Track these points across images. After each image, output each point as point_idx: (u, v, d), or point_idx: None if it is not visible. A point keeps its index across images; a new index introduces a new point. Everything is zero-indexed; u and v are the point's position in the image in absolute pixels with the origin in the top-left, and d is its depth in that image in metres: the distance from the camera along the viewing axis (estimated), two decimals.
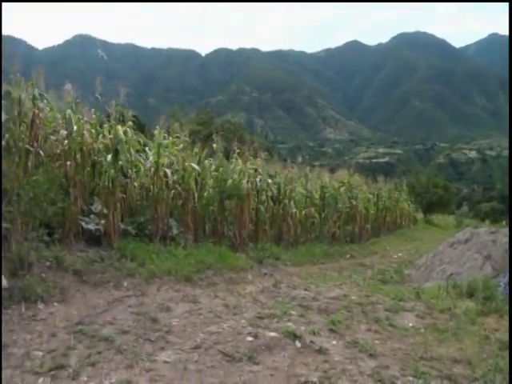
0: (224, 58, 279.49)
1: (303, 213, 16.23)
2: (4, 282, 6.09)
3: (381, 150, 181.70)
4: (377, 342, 5.47)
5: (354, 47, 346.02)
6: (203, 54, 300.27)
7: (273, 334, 5.41)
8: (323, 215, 17.37)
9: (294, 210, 15.46)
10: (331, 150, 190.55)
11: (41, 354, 4.56)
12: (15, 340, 4.90)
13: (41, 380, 4.00)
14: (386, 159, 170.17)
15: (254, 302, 7.12)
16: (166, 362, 4.51)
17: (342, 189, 19.09)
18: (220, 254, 10.11)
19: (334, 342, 5.36)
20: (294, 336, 5.34)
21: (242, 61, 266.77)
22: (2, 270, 6.33)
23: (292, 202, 15.34)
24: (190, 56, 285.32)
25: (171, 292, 7.35)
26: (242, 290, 7.86)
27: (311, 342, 5.22)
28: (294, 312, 6.51)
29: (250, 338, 5.24)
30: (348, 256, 14.98)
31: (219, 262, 9.51)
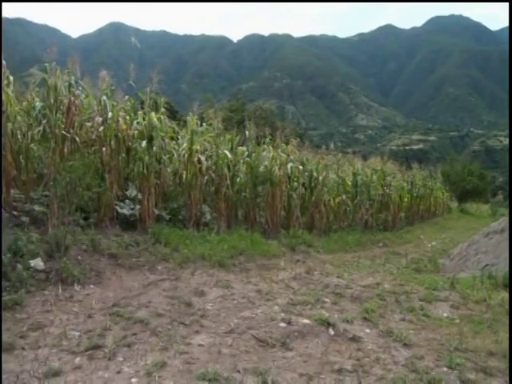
0: (256, 44, 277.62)
1: (336, 200, 16.11)
2: (41, 264, 6.29)
3: (414, 137, 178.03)
4: (411, 331, 5.41)
5: (387, 31, 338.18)
6: (235, 41, 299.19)
7: (306, 320, 5.42)
8: (356, 203, 17.22)
9: (327, 197, 15.37)
10: (364, 136, 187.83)
11: (77, 334, 4.71)
12: (52, 320, 5.06)
13: (77, 359, 4.12)
14: (420, 146, 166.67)
15: (286, 288, 7.15)
16: (200, 345, 4.58)
17: (374, 176, 18.82)
18: (252, 240, 10.17)
19: (368, 331, 5.35)
20: (328, 323, 5.34)
21: (274, 47, 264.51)
22: (40, 252, 6.55)
23: (324, 189, 15.25)
24: (222, 42, 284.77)
25: (205, 277, 7.45)
26: (274, 277, 7.90)
27: (344, 330, 5.21)
28: (326, 299, 6.52)
29: (283, 324, 5.27)
30: (381, 244, 14.83)
31: (251, 248, 9.57)
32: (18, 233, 6.81)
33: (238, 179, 12.40)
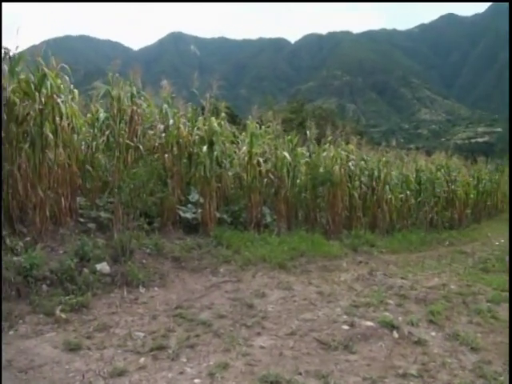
0: (314, 44, 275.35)
1: (399, 198, 15.69)
2: (107, 268, 6.56)
3: (480, 129, 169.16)
4: (478, 334, 5.19)
5: (448, 20, 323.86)
6: (293, 42, 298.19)
7: (369, 323, 5.31)
8: (420, 200, 16.69)
9: (389, 196, 15.00)
10: (427, 131, 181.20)
11: (142, 334, 4.86)
12: (117, 321, 5.26)
13: (142, 359, 4.25)
14: (486, 139, 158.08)
15: (348, 290, 7.04)
16: (261, 347, 4.60)
17: (439, 172, 18.14)
18: (313, 241, 10.09)
19: (433, 334, 5.17)
20: (392, 326, 5.21)
21: (332, 45, 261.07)
22: (106, 256, 6.82)
23: (387, 187, 14.89)
24: (279, 44, 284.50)
25: (266, 279, 7.48)
26: (336, 278, 7.80)
27: (409, 332, 5.06)
28: (390, 301, 6.36)
29: (345, 327, 5.19)
30: (447, 243, 14.25)
31: (312, 249, 9.50)
32: (85, 238, 7.11)
33: (297, 180, 12.36)
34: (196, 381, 3.86)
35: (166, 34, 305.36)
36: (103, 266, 6.58)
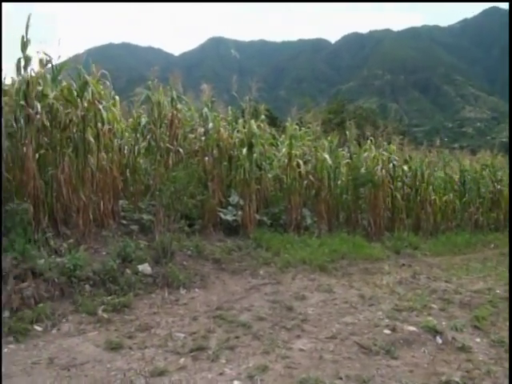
0: (354, 43, 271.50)
1: (443, 199, 15.28)
2: (148, 269, 6.67)
3: None
4: None
5: (492, 14, 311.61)
6: (333, 42, 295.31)
7: (412, 328, 5.17)
8: (464, 201, 16.19)
9: (433, 197, 14.63)
10: (471, 129, 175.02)
11: (182, 335, 4.90)
12: (159, 322, 5.34)
13: (182, 360, 4.27)
14: None
15: (391, 293, 6.89)
16: (301, 350, 4.55)
17: (484, 172, 17.53)
18: (354, 243, 9.96)
19: (478, 340, 4.97)
20: (435, 331, 5.04)
21: (373, 43, 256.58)
22: (147, 258, 6.94)
23: (430, 188, 14.53)
24: (319, 45, 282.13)
25: (306, 281, 7.43)
26: (378, 281, 7.65)
27: (453, 338, 4.89)
28: (434, 305, 6.17)
29: (387, 331, 5.07)
30: (493, 246, 13.73)
31: (354, 251, 9.37)
32: (127, 240, 7.30)
33: (338, 182, 12.24)
34: (235, 382, 3.85)
35: (206, 38, 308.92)
36: (145, 267, 6.71)
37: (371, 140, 13.08)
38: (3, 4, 7.01)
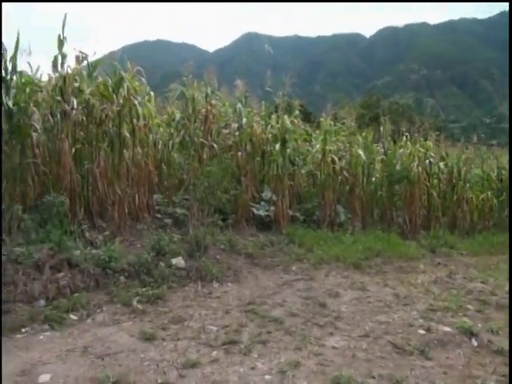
0: (390, 37, 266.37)
1: (480, 197, 14.86)
2: (182, 262, 6.75)
3: None
4: None
5: None
6: (368, 36, 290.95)
7: (447, 328, 5.06)
8: (502, 200, 15.69)
9: (470, 195, 14.25)
10: None
11: (215, 328, 4.93)
12: (192, 315, 5.39)
13: (214, 353, 4.30)
14: None
15: (425, 292, 6.76)
16: (334, 347, 4.51)
17: None
18: (389, 241, 9.80)
19: None
20: (470, 333, 4.92)
21: (409, 38, 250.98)
22: (181, 251, 7.01)
23: (467, 186, 14.15)
24: (354, 39, 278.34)
25: (339, 278, 7.37)
26: (412, 280, 7.52)
27: (489, 341, 4.75)
28: (470, 306, 6.03)
29: (421, 331, 4.98)
30: None
31: (388, 249, 9.22)
32: (161, 233, 7.41)
33: (373, 178, 12.08)
34: (267, 377, 3.85)
35: (240, 34, 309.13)
36: (179, 261, 6.79)
37: (407, 136, 12.84)
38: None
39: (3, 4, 7.07)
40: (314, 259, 8.12)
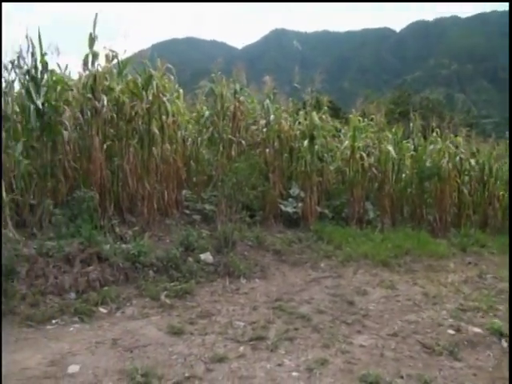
0: (420, 32, 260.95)
1: None
2: (210, 258, 6.81)
3: None
4: None
5: None
6: (398, 30, 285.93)
7: (477, 329, 4.98)
8: None
9: (501, 192, 13.90)
10: None
11: (242, 324, 4.96)
12: (219, 310, 5.44)
13: (241, 348, 4.33)
14: None
15: (455, 292, 6.64)
16: (362, 345, 4.48)
17: None
18: (419, 239, 9.64)
19: None
20: (500, 334, 4.83)
21: (440, 32, 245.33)
22: (209, 247, 7.07)
23: (498, 183, 13.81)
24: (384, 34, 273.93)
25: (368, 276, 7.31)
26: (442, 279, 7.39)
27: None
28: (500, 307, 5.89)
29: (451, 331, 4.91)
30: None
31: (418, 247, 9.07)
32: (190, 229, 7.48)
33: (402, 175, 11.91)
34: (294, 374, 3.85)
35: (269, 31, 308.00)
36: (207, 256, 6.86)
37: (437, 132, 12.61)
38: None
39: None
40: (342, 256, 8.06)
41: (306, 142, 10.04)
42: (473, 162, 13.15)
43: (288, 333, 4.69)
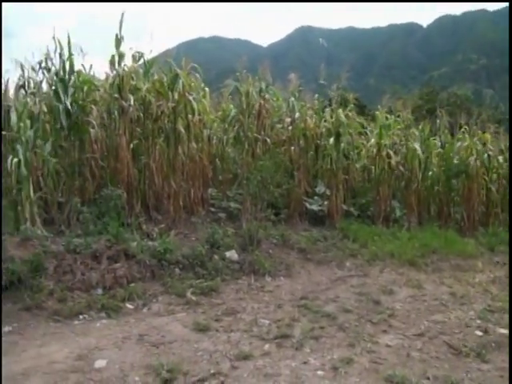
0: (447, 26, 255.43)
1: None
2: (235, 256, 6.86)
3: None
4: None
5: None
6: (425, 25, 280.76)
7: (504, 330, 4.88)
8: None
9: None
10: None
11: (267, 322, 4.98)
12: (244, 307, 5.48)
13: (266, 346, 4.34)
14: None
15: (483, 292, 6.53)
16: (388, 345, 4.45)
17: None
18: (446, 238, 9.48)
19: None
20: None
21: (467, 26, 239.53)
22: (234, 245, 7.13)
23: None
24: (410, 29, 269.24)
25: (394, 275, 7.25)
26: (470, 279, 7.27)
27: None
28: None
29: (478, 333, 4.83)
30: None
31: (445, 246, 8.93)
32: (215, 227, 7.53)
33: (429, 172, 11.73)
34: (319, 373, 3.85)
35: (294, 28, 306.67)
36: (232, 254, 6.91)
37: (465, 129, 12.38)
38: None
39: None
40: (368, 255, 8.01)
41: (331, 140, 9.98)
42: (501, 159, 12.84)
43: (313, 331, 4.69)
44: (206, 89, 9.41)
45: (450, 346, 4.46)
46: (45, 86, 7.86)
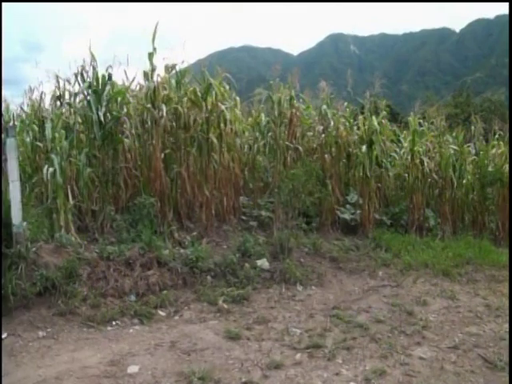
0: (481, 30, 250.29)
1: None
2: (266, 264, 6.87)
3: None
4: None
5: None
6: (457, 30, 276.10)
7: None
8: None
9: None
10: None
11: (299, 331, 4.97)
12: (275, 316, 5.48)
13: (298, 355, 4.34)
14: None
15: None
16: (421, 358, 4.38)
17: None
18: (481, 248, 9.26)
19: None
20: None
21: (501, 29, 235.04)
22: (266, 253, 7.14)
23: None
24: (443, 34, 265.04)
25: (428, 285, 7.12)
26: (505, 290, 7.03)
27: None
28: None
29: None
30: None
31: (480, 256, 8.72)
32: (247, 235, 7.57)
33: (464, 181, 11.51)
34: None
35: (324, 36, 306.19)
36: (263, 262, 6.91)
37: (500, 135, 12.10)
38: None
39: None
40: (401, 265, 7.90)
41: (364, 148, 9.90)
42: None
43: (345, 342, 4.66)
44: (237, 98, 9.48)
45: (484, 360, 4.36)
46: (79, 97, 8.06)
